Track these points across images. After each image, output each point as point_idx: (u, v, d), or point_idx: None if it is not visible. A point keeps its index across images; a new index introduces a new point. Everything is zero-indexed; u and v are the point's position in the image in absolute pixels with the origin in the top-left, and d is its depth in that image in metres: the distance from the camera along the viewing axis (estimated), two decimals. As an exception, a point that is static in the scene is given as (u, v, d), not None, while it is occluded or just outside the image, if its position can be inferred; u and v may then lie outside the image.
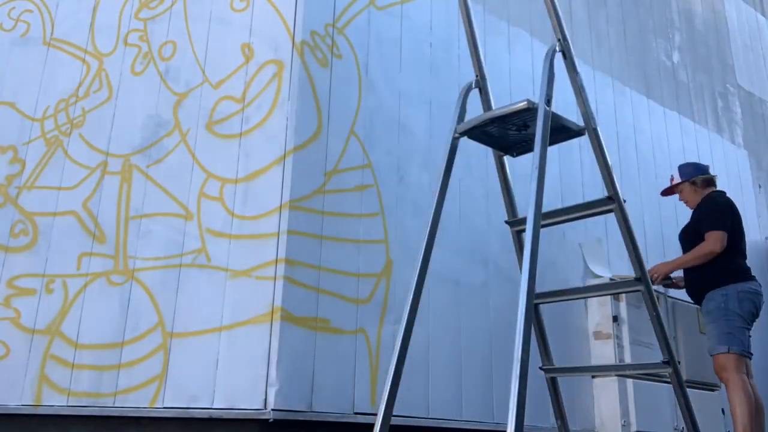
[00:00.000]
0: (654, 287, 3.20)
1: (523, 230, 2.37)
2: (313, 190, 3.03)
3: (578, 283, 4.13)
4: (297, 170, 2.99)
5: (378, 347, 3.05)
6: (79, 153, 3.50)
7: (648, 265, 4.62)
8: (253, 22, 3.35)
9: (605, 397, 3.88)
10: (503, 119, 2.32)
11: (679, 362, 3.61)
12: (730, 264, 3.62)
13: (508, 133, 2.35)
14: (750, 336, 3.56)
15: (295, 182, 2.97)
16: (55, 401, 3.07)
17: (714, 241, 3.59)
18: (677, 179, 4.01)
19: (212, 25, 3.47)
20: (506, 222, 2.54)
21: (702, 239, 3.64)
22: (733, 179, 5.79)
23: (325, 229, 3.02)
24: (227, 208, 3.06)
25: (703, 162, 5.53)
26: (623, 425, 3.76)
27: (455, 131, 2.48)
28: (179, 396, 2.85)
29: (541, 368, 2.59)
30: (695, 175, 3.94)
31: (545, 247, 3.98)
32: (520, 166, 2.67)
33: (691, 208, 3.96)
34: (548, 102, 2.23)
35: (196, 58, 3.43)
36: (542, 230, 4.11)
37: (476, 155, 3.64)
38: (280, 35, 3.24)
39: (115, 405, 2.96)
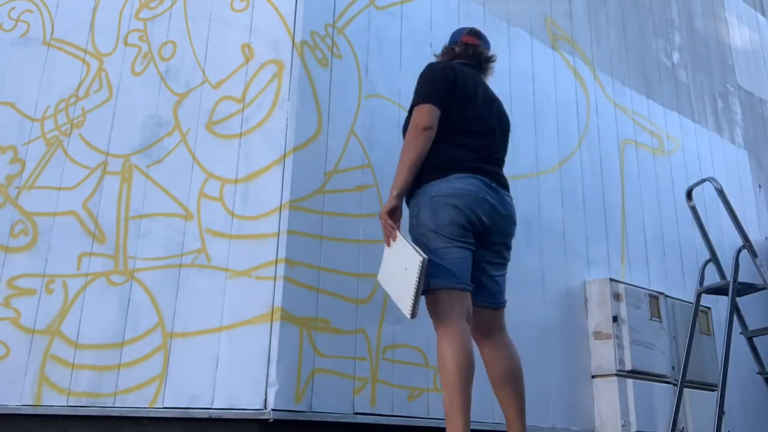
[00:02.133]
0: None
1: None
2: (313, 190, 3.03)
3: (579, 286, 4.13)
4: (297, 170, 2.99)
5: (378, 347, 3.05)
6: (79, 153, 3.50)
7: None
8: (253, 22, 3.35)
9: (605, 397, 3.88)
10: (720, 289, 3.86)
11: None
12: (433, 154, 2.44)
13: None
14: (488, 271, 2.50)
15: (295, 182, 2.97)
16: (55, 401, 3.07)
17: (416, 120, 2.45)
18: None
19: (212, 25, 3.47)
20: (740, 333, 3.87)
21: None
22: (733, 179, 5.79)
23: (325, 229, 3.02)
24: (227, 208, 3.06)
25: (704, 162, 5.55)
26: (623, 425, 3.76)
27: (697, 292, 3.94)
28: (179, 396, 2.85)
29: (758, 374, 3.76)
30: (448, 46, 2.84)
31: (546, 247, 4.00)
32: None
33: None
34: (735, 280, 3.71)
35: (196, 58, 3.43)
36: (541, 231, 4.12)
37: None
38: (280, 35, 3.24)
39: (115, 405, 2.96)
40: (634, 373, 3.92)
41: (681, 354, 4.22)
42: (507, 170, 3.83)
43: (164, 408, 2.86)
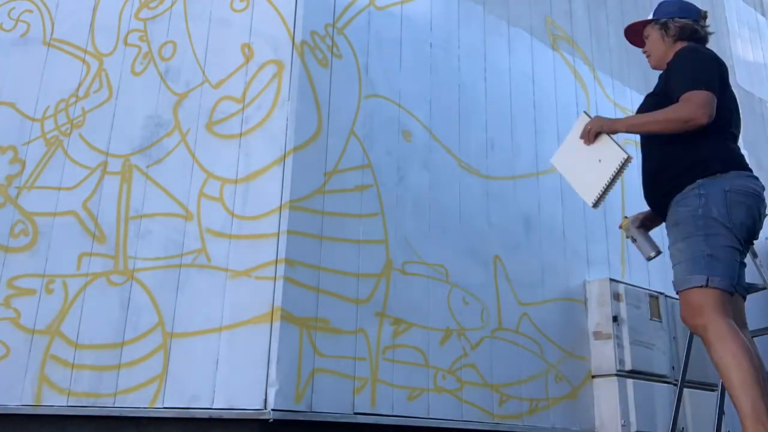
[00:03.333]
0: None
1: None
2: (313, 190, 3.03)
3: (579, 286, 4.13)
4: (297, 170, 2.99)
5: (378, 347, 3.05)
6: (79, 153, 3.50)
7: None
8: (253, 22, 3.35)
9: (605, 397, 3.88)
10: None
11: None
12: (715, 148, 2.36)
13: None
14: (744, 264, 2.40)
15: (295, 182, 2.97)
16: (55, 401, 3.07)
17: (696, 105, 2.27)
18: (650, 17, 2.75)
19: (212, 25, 3.47)
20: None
21: None
22: (733, 179, 5.78)
23: (325, 229, 3.02)
24: (227, 208, 3.06)
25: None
26: (623, 425, 3.76)
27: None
28: (179, 396, 2.85)
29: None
30: (673, 15, 2.69)
31: (546, 247, 4.00)
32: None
33: (654, 67, 2.80)
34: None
35: (196, 58, 3.43)
36: (541, 231, 4.12)
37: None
38: (280, 35, 3.24)
39: (115, 405, 2.96)
40: (634, 373, 3.92)
41: (681, 354, 4.22)
42: (507, 170, 3.84)
43: (164, 408, 2.86)
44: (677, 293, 2.31)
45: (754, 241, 2.51)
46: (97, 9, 3.81)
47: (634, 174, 4.96)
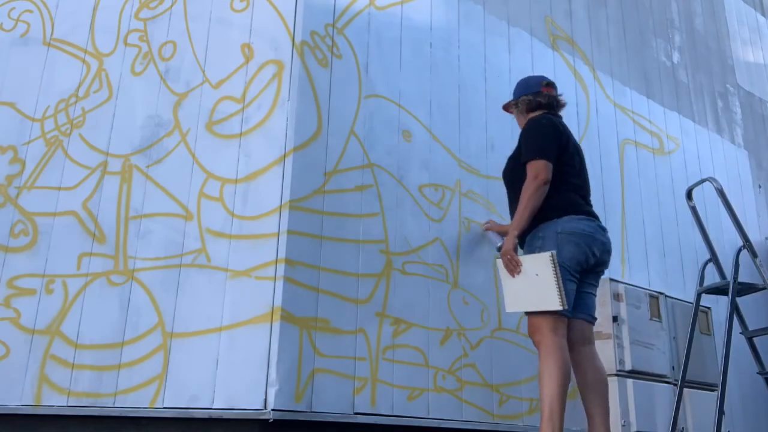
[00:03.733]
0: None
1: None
2: (313, 190, 3.03)
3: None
4: (297, 170, 2.99)
5: (378, 347, 3.05)
6: (79, 153, 3.50)
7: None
8: (253, 22, 3.36)
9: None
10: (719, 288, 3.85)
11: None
12: (554, 198, 2.88)
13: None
14: (586, 291, 2.94)
15: (295, 182, 2.97)
16: (55, 401, 3.07)
17: (533, 177, 2.85)
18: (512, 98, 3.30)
19: (212, 25, 3.47)
20: (740, 333, 4.00)
21: (524, 172, 2.91)
22: (733, 179, 5.79)
23: (325, 229, 3.02)
24: (227, 208, 3.06)
25: (704, 162, 5.55)
26: (623, 425, 3.76)
27: (697, 292, 3.90)
28: (179, 396, 2.85)
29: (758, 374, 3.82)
30: (521, 94, 3.21)
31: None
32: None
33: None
34: (735, 281, 3.71)
35: (196, 58, 3.43)
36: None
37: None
38: (280, 35, 3.24)
39: (115, 405, 2.96)
40: (634, 373, 3.92)
41: (681, 354, 4.22)
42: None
43: (164, 408, 2.86)
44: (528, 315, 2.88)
45: (603, 272, 3.08)
46: (97, 9, 3.81)
47: (635, 175, 4.96)
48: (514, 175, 3.06)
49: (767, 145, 6.57)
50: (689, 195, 4.23)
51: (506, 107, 3.40)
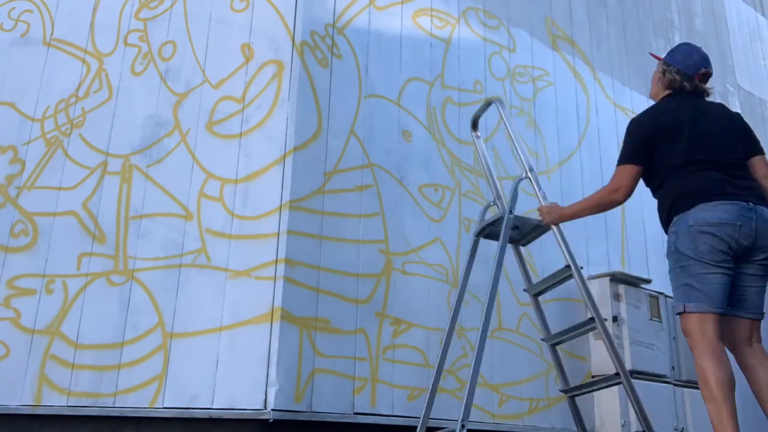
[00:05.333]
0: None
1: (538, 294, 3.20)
2: (313, 190, 3.03)
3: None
4: (297, 170, 2.99)
5: (378, 347, 3.05)
6: (79, 153, 3.50)
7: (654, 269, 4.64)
8: (253, 22, 3.35)
9: (605, 397, 3.88)
10: (494, 224, 2.97)
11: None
12: (679, 188, 2.66)
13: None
14: (748, 285, 2.61)
15: (295, 182, 2.97)
16: (55, 401, 3.07)
17: (610, 191, 2.80)
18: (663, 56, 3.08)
19: (212, 25, 3.47)
20: (524, 290, 3.24)
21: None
22: (733, 179, 5.78)
23: (325, 229, 3.02)
24: (227, 208, 3.06)
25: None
26: (623, 425, 3.76)
27: (473, 234, 3.10)
28: (179, 396, 2.85)
29: (561, 390, 3.05)
30: (675, 64, 2.95)
31: (546, 247, 3.99)
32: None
33: (650, 97, 3.17)
34: (511, 211, 2.87)
35: (196, 58, 3.43)
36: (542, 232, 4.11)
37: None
38: (280, 35, 3.24)
39: (115, 405, 2.96)
40: (634, 373, 3.91)
41: (681, 354, 4.22)
42: (507, 170, 3.83)
43: (164, 408, 2.86)
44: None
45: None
46: (97, 9, 3.81)
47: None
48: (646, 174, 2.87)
49: (767, 145, 6.57)
50: (475, 125, 3.46)
51: (657, 58, 3.10)
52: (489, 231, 3.02)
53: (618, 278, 4.09)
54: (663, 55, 3.07)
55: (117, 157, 3.42)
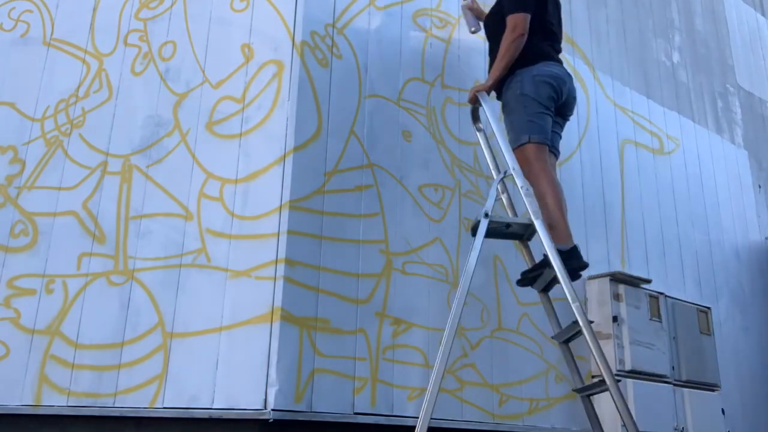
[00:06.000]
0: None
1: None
2: (313, 190, 3.03)
3: (579, 285, 4.12)
4: (297, 170, 2.99)
5: (378, 347, 3.05)
6: (79, 153, 3.50)
7: (655, 268, 4.64)
8: (253, 22, 3.36)
9: (605, 397, 3.87)
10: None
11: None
12: (530, 47, 3.22)
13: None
14: (554, 131, 3.27)
15: (295, 182, 2.97)
16: (55, 401, 3.07)
17: (511, 31, 3.17)
18: None
19: (212, 25, 3.47)
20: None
21: (504, 26, 3.21)
22: (733, 179, 5.79)
23: (325, 229, 3.02)
24: (227, 208, 3.06)
25: (704, 162, 5.55)
26: (623, 425, 3.76)
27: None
28: (179, 396, 2.85)
29: (574, 390, 3.13)
30: None
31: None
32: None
33: None
34: (486, 214, 2.94)
35: (196, 58, 3.43)
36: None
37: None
38: (280, 35, 3.24)
39: (115, 405, 2.96)
40: (634, 373, 3.92)
41: (681, 354, 4.22)
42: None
43: (164, 408, 2.86)
44: (513, 151, 3.10)
45: (569, 117, 3.42)
46: (97, 9, 3.81)
47: (635, 175, 4.96)
48: (495, 29, 3.36)
49: (767, 145, 6.57)
50: (475, 117, 3.50)
51: None
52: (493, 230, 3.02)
53: (618, 278, 4.09)
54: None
55: (117, 157, 3.42)
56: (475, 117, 3.47)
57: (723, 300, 5.18)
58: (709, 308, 4.65)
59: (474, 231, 2.96)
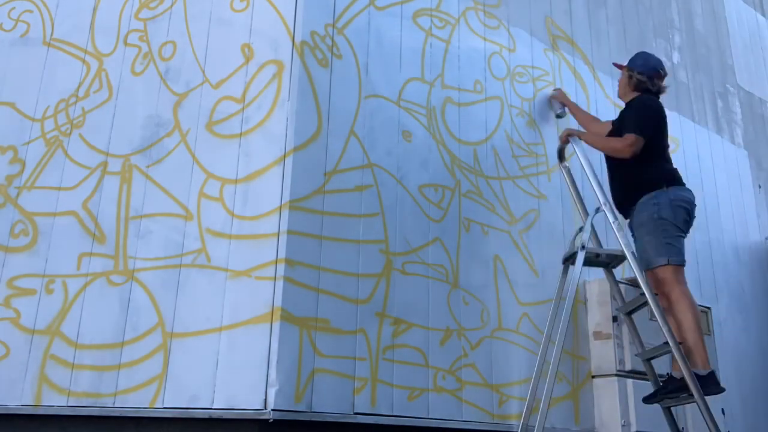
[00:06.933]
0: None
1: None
2: (313, 190, 3.03)
3: (579, 286, 4.12)
4: (297, 170, 2.99)
5: (378, 347, 3.05)
6: (79, 153, 3.50)
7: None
8: (253, 22, 3.36)
9: (605, 397, 3.88)
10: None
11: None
12: (658, 170, 3.51)
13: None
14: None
15: (295, 182, 2.97)
16: (55, 401, 3.07)
17: (627, 144, 3.45)
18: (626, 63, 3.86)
19: (212, 25, 3.47)
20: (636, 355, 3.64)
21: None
22: (733, 179, 5.79)
23: (325, 229, 3.02)
24: (227, 208, 3.06)
25: (704, 162, 5.55)
26: (623, 425, 3.76)
27: (563, 260, 3.67)
28: (179, 396, 2.85)
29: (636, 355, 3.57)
30: (637, 68, 3.73)
31: (546, 247, 4.00)
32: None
33: (618, 96, 3.94)
34: (583, 247, 3.42)
35: (196, 58, 3.43)
36: (541, 231, 4.13)
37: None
38: (280, 35, 3.24)
39: (115, 405, 2.96)
40: (634, 373, 3.92)
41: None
42: (507, 170, 3.85)
43: (164, 408, 2.86)
44: (645, 272, 3.35)
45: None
46: (97, 9, 3.81)
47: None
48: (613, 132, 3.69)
49: (767, 145, 6.57)
50: (561, 156, 4.03)
51: (620, 67, 3.87)
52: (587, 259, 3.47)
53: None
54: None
55: (117, 157, 3.42)
56: (561, 156, 3.90)
57: (723, 300, 5.18)
58: (709, 308, 4.65)
59: (566, 260, 3.55)
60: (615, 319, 3.95)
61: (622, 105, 5.01)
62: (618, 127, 3.65)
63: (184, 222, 3.13)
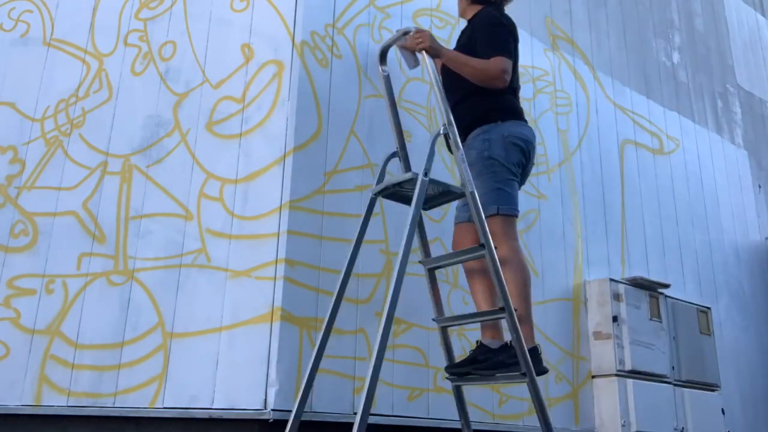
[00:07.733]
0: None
1: (434, 268, 2.92)
2: (313, 190, 3.03)
3: (579, 286, 4.13)
4: (297, 170, 2.99)
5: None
6: (79, 153, 3.50)
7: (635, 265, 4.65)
8: (253, 22, 3.36)
9: (605, 397, 3.88)
10: (401, 185, 2.74)
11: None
12: (498, 100, 2.86)
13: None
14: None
15: (295, 182, 2.97)
16: (55, 401, 3.07)
17: (501, 69, 2.77)
18: None
19: (212, 25, 3.47)
20: (419, 262, 2.97)
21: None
22: (733, 179, 5.79)
23: (325, 229, 3.02)
24: (227, 208, 3.06)
25: (704, 162, 5.55)
26: (623, 425, 3.77)
27: (372, 192, 2.83)
28: (179, 396, 2.85)
29: (434, 320, 2.88)
30: None
31: (546, 247, 4.00)
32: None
33: (459, 16, 3.24)
34: (426, 173, 2.62)
35: (196, 58, 3.43)
36: (541, 231, 4.12)
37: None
38: (280, 35, 3.24)
39: (115, 405, 2.96)
40: (634, 373, 3.92)
41: (681, 354, 4.22)
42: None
43: (164, 408, 2.86)
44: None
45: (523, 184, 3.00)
46: (97, 9, 3.81)
47: (635, 175, 4.95)
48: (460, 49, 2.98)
49: (767, 145, 6.57)
50: (383, 57, 3.20)
51: None
52: (393, 191, 2.77)
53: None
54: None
55: (117, 157, 3.42)
56: (383, 57, 3.13)
57: (723, 300, 5.18)
58: (709, 308, 4.65)
59: (380, 192, 2.79)
60: (615, 319, 3.95)
61: (624, 106, 5.03)
62: (465, 52, 2.91)
63: (184, 222, 3.13)
